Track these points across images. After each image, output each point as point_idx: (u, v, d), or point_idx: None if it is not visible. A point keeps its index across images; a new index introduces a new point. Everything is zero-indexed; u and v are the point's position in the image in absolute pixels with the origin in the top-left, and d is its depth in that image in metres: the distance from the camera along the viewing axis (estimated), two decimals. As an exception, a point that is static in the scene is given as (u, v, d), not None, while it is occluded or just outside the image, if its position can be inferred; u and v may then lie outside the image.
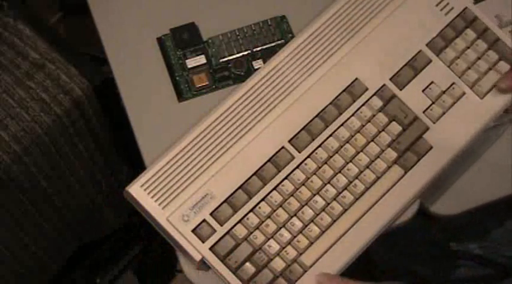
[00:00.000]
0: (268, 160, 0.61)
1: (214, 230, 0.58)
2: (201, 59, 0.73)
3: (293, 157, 0.61)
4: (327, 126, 0.62)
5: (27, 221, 0.84)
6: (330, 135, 0.62)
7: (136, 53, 0.74)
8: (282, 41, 0.74)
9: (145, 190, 0.59)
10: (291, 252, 0.59)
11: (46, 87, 0.77)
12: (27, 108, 0.76)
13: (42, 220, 0.86)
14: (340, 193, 0.61)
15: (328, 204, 0.60)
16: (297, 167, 0.61)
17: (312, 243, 0.59)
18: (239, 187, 0.60)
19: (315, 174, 0.61)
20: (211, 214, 0.59)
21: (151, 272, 1.22)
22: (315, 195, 0.60)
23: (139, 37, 0.75)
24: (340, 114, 0.63)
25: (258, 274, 0.58)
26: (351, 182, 0.61)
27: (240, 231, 0.58)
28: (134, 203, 0.60)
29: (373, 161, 0.62)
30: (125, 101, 0.72)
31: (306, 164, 0.61)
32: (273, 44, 0.74)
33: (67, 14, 1.04)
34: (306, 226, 0.59)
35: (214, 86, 0.72)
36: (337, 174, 0.61)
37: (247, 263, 0.58)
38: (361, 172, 0.62)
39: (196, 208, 0.59)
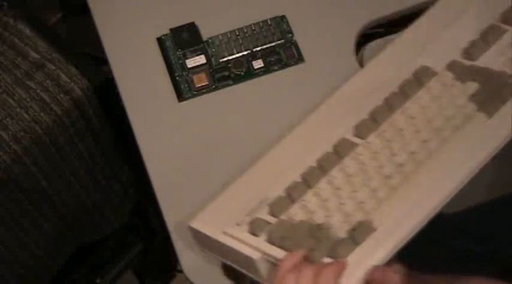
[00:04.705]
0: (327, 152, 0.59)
1: (268, 223, 0.56)
2: (201, 59, 0.73)
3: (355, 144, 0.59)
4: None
5: (27, 221, 0.84)
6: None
7: (137, 53, 0.74)
8: (282, 40, 0.74)
9: (205, 221, 0.58)
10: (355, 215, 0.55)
11: (46, 87, 0.77)
12: (27, 108, 0.76)
13: (42, 220, 0.86)
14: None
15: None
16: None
17: (378, 206, 0.55)
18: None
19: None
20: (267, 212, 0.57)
21: (151, 272, 1.22)
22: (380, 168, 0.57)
23: (139, 37, 0.75)
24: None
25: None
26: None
27: (297, 215, 0.56)
28: (195, 235, 0.59)
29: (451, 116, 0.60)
30: (125, 101, 0.72)
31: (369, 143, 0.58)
32: (273, 44, 0.74)
33: (67, 14, 1.04)
34: (373, 190, 0.56)
35: (214, 86, 0.72)
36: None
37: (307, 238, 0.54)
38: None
39: (252, 213, 0.57)
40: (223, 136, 0.70)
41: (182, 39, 0.74)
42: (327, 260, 0.52)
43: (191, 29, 0.75)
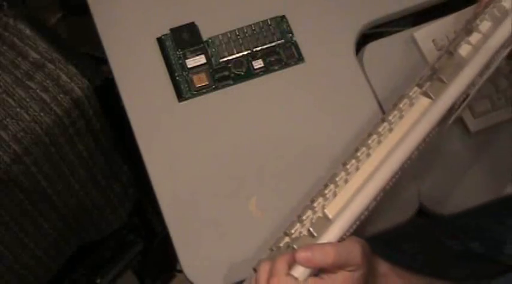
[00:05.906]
0: None
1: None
2: (201, 59, 0.73)
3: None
4: None
5: (27, 221, 0.84)
6: None
7: (136, 53, 0.74)
8: (282, 40, 0.74)
9: None
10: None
11: (46, 87, 0.77)
12: (27, 108, 0.76)
13: (42, 220, 0.86)
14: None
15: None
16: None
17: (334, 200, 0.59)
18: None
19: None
20: None
21: (151, 272, 1.22)
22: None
23: (139, 37, 0.75)
24: None
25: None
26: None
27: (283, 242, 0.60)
28: None
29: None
30: (125, 101, 0.72)
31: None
32: (273, 44, 0.74)
33: (67, 14, 1.04)
34: (334, 193, 0.60)
35: (214, 86, 0.72)
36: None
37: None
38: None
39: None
40: (223, 136, 0.70)
41: (182, 39, 0.74)
42: None
43: (191, 29, 0.75)
